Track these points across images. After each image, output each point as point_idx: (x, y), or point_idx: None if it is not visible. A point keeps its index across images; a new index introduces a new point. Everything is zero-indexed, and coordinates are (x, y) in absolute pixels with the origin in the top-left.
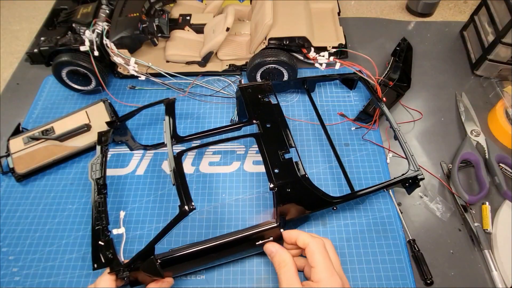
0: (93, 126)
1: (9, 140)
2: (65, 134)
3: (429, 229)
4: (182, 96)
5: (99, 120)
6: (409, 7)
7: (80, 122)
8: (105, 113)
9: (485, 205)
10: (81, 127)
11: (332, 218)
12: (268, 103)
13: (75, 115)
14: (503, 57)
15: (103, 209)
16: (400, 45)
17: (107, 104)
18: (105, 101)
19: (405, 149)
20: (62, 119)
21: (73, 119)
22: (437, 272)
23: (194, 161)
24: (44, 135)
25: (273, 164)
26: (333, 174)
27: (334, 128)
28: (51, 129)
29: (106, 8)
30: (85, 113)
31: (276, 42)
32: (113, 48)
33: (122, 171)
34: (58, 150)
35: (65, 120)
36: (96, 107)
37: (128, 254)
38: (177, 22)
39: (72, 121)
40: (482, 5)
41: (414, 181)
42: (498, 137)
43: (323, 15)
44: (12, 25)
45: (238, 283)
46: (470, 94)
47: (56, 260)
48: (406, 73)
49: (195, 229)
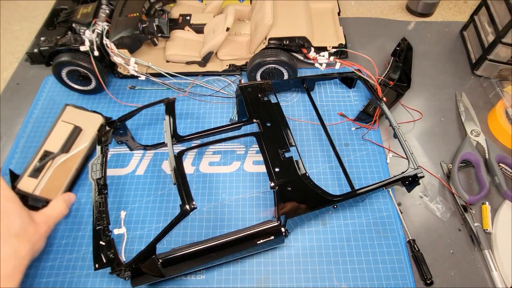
0: (81, 126)
1: (16, 187)
2: (66, 144)
3: (429, 229)
4: (182, 96)
5: (80, 120)
6: (409, 7)
7: (66, 131)
8: (79, 112)
9: (485, 205)
10: (73, 131)
11: (332, 218)
12: (268, 102)
13: (55, 129)
14: (503, 57)
15: (104, 209)
16: (400, 45)
17: (72, 105)
18: (69, 104)
19: (404, 147)
20: (46, 140)
21: (58, 133)
22: (437, 272)
23: (194, 161)
24: (47, 158)
25: (273, 163)
26: (333, 174)
27: (334, 128)
28: (47, 151)
29: (106, 8)
30: (63, 123)
31: (276, 42)
32: (113, 48)
33: (122, 171)
34: (70, 161)
35: (51, 138)
36: (67, 112)
37: (129, 254)
38: (177, 22)
39: (58, 134)
40: (482, 5)
41: (414, 179)
42: (498, 137)
43: (323, 15)
44: (12, 25)
45: (238, 283)
46: (470, 94)
47: (56, 260)
48: (406, 73)
49: (195, 229)
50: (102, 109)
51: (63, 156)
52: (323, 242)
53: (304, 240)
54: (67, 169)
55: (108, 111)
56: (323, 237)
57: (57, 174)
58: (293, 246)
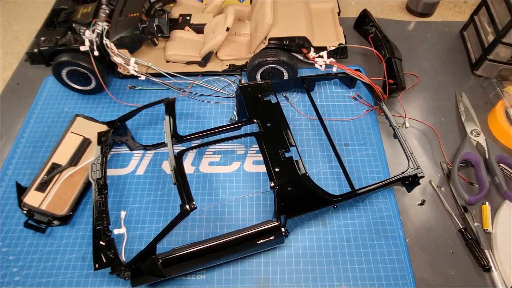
0: (90, 138)
1: (22, 201)
2: (75, 157)
3: (429, 229)
4: (182, 96)
5: (90, 131)
6: (409, 7)
7: (75, 143)
8: (89, 123)
9: (485, 205)
10: (83, 143)
11: (332, 218)
12: (268, 102)
13: (64, 141)
14: (503, 57)
15: (104, 209)
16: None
17: (82, 116)
18: (79, 115)
19: (404, 148)
20: (55, 152)
21: (67, 145)
22: (437, 272)
23: (194, 161)
24: (55, 171)
25: (273, 162)
26: (333, 174)
27: (334, 128)
28: (55, 164)
29: (106, 8)
30: (72, 134)
31: (276, 42)
32: (113, 48)
33: (122, 171)
34: (78, 174)
35: (60, 150)
36: (77, 123)
37: (129, 254)
38: (177, 22)
39: (66, 146)
40: (482, 5)
41: (414, 179)
42: (498, 137)
43: (323, 15)
44: (12, 25)
45: (238, 283)
46: (470, 94)
47: (56, 260)
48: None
49: (195, 229)
50: (102, 109)
51: (71, 169)
52: (323, 242)
53: (304, 240)
54: (74, 182)
55: (108, 111)
56: (323, 237)
57: (65, 188)
58: (293, 246)
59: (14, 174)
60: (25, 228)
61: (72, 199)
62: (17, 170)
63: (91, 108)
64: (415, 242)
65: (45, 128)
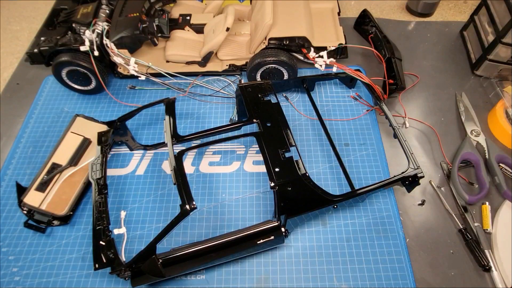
0: (90, 138)
1: (22, 201)
2: (75, 157)
3: (429, 229)
4: (182, 96)
5: (90, 131)
6: (409, 7)
7: (75, 143)
8: (89, 123)
9: (485, 205)
10: (83, 144)
11: (332, 218)
12: (268, 102)
13: (64, 141)
14: (503, 57)
15: (104, 209)
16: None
17: (82, 116)
18: (79, 115)
19: (404, 148)
20: (55, 152)
21: (67, 144)
22: (437, 272)
23: (194, 161)
24: (55, 171)
25: (273, 162)
26: (333, 174)
27: (334, 128)
28: (55, 164)
29: (106, 8)
30: (72, 134)
31: (276, 42)
32: (113, 48)
33: (122, 171)
34: (78, 174)
35: (60, 150)
36: (77, 123)
37: (129, 254)
38: (177, 22)
39: (66, 146)
40: (482, 5)
41: (414, 179)
42: (498, 137)
43: (323, 15)
44: (12, 25)
45: (238, 283)
46: (470, 94)
47: (56, 260)
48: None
49: (195, 229)
50: (102, 109)
51: (71, 169)
52: (323, 242)
53: (304, 240)
54: (75, 182)
55: (108, 111)
56: (323, 237)
57: (65, 188)
58: (293, 246)
59: (14, 174)
60: (25, 228)
61: (72, 199)
62: (17, 170)
63: (91, 108)
64: (415, 242)
65: (45, 128)
